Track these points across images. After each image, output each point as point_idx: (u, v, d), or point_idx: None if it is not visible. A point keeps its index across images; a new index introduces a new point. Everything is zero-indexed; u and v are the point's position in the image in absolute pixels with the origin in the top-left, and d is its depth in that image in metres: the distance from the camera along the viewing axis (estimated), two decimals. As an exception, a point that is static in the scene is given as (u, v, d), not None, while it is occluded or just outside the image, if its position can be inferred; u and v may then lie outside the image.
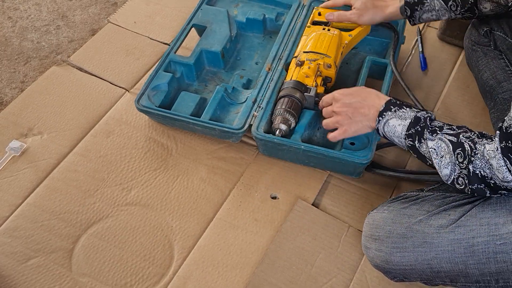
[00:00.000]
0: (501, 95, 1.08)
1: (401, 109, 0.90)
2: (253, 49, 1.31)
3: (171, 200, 1.09)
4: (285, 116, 1.06)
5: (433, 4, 1.08)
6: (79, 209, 1.08)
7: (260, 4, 1.36)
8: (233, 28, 1.30)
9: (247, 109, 1.13)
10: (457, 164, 0.80)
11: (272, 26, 1.33)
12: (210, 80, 1.26)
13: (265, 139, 1.07)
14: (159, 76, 1.19)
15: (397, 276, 0.89)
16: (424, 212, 0.85)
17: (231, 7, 1.35)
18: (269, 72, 1.18)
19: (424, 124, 0.86)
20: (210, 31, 1.27)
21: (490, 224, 0.78)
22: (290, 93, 1.09)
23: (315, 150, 1.04)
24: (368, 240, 0.90)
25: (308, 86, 1.10)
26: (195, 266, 1.00)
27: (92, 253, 1.02)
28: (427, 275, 0.85)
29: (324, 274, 0.99)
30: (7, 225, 1.06)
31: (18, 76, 1.44)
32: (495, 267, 0.78)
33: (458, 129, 0.83)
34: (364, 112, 0.94)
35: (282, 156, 1.13)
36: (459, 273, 0.81)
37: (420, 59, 1.34)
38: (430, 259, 0.82)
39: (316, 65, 1.12)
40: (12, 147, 1.16)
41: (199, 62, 1.24)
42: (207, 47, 1.24)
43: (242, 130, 1.10)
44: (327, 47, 1.13)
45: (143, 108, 1.14)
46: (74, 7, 1.63)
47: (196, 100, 1.17)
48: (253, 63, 1.28)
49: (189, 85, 1.25)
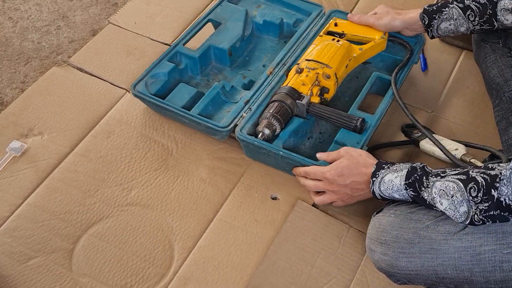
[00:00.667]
0: (507, 94, 1.08)
1: (393, 165, 0.91)
2: (264, 52, 1.31)
3: (171, 201, 1.09)
4: (270, 121, 1.06)
5: (451, 13, 1.07)
6: (79, 209, 1.08)
7: (281, 8, 1.35)
8: (248, 28, 1.30)
9: (238, 109, 1.12)
10: (471, 200, 0.77)
11: (288, 31, 1.32)
12: (213, 75, 1.27)
13: (246, 141, 1.06)
14: (161, 65, 1.20)
15: (400, 280, 0.89)
16: (431, 217, 0.84)
17: (253, 7, 1.35)
18: (270, 76, 1.18)
19: (422, 172, 0.85)
20: (223, 28, 1.28)
21: (497, 232, 0.78)
22: (281, 98, 1.08)
23: (293, 157, 1.03)
24: (374, 243, 0.90)
25: (302, 94, 1.09)
26: (196, 266, 1.00)
27: (92, 253, 1.02)
28: (432, 281, 0.84)
29: (324, 275, 0.99)
30: (8, 225, 1.06)
31: (19, 76, 1.44)
32: (501, 276, 0.78)
33: (463, 169, 0.81)
34: (362, 188, 0.95)
35: (263, 160, 1.12)
36: (464, 280, 0.81)
37: (420, 60, 1.34)
38: (436, 265, 0.82)
39: (315, 74, 1.10)
40: (13, 147, 1.16)
41: (205, 57, 1.25)
42: (215, 43, 1.25)
43: (227, 129, 1.09)
44: (330, 57, 1.12)
45: (138, 93, 1.15)
46: (75, 7, 1.63)
47: (192, 93, 1.17)
48: (260, 66, 1.28)
49: (192, 78, 1.26)
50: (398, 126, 1.20)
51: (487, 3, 1.03)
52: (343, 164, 0.95)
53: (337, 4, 1.51)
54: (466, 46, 1.36)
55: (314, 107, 1.08)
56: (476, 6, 1.04)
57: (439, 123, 1.21)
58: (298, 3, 1.34)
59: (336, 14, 1.28)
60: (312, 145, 1.12)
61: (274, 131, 1.07)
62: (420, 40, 1.22)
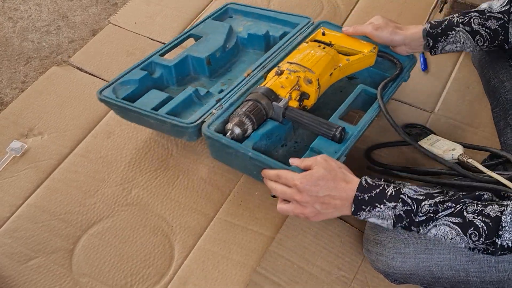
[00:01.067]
0: (503, 95, 1.08)
1: (374, 208, 0.79)
2: (249, 64, 1.22)
3: (171, 200, 1.09)
4: (242, 119, 0.97)
5: (458, 36, 1.00)
6: (79, 209, 1.08)
7: (268, 23, 1.28)
8: (231, 40, 1.23)
9: (208, 107, 1.04)
10: (471, 242, 0.74)
11: (275, 44, 1.25)
12: (191, 85, 1.18)
13: (213, 138, 0.96)
14: (133, 72, 1.14)
15: (397, 279, 0.90)
16: None
17: (239, 25, 1.29)
18: (247, 78, 1.10)
19: (409, 219, 0.77)
20: (204, 40, 1.22)
21: None
22: (256, 98, 0.99)
23: (263, 160, 0.91)
24: (370, 243, 0.90)
25: (280, 97, 1.00)
26: (196, 265, 1.01)
27: (92, 253, 1.02)
28: (428, 281, 0.85)
29: (325, 274, 0.99)
30: (8, 225, 1.06)
31: (19, 76, 1.44)
32: (496, 276, 0.78)
33: (456, 204, 0.75)
34: (336, 204, 0.82)
35: (230, 163, 1.03)
36: (460, 280, 0.81)
37: (420, 60, 1.34)
38: (431, 265, 0.82)
39: (296, 78, 1.01)
40: (13, 148, 1.16)
41: (182, 66, 1.18)
42: (193, 53, 1.18)
43: (193, 125, 0.99)
44: (315, 62, 1.04)
45: (104, 98, 1.08)
46: (75, 7, 1.63)
47: (162, 97, 1.09)
48: (242, 76, 1.20)
49: (167, 87, 1.18)
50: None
51: (499, 29, 0.97)
52: (319, 174, 0.82)
53: (337, 3, 1.51)
54: (466, 46, 1.37)
55: (292, 111, 0.99)
56: (487, 32, 0.98)
57: (439, 123, 1.21)
58: (286, 17, 1.27)
59: (325, 25, 1.21)
60: (285, 153, 1.03)
61: (245, 131, 0.98)
62: (411, 60, 1.13)
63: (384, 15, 1.11)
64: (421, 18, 1.44)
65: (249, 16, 1.31)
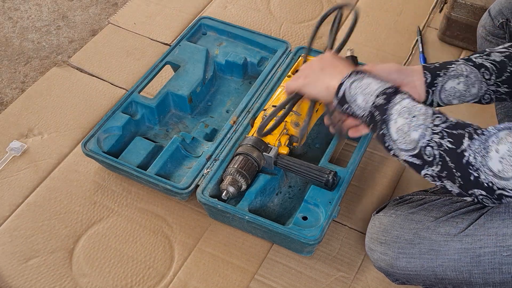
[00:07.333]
0: None
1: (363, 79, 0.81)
2: (228, 95, 1.22)
3: (171, 201, 1.09)
4: (235, 177, 0.98)
5: (459, 69, 0.88)
6: (79, 209, 1.08)
7: (245, 45, 1.26)
8: (209, 70, 1.21)
9: (199, 166, 1.03)
10: (429, 127, 0.72)
11: (253, 71, 1.23)
12: (173, 125, 1.17)
13: (209, 204, 0.98)
14: (115, 117, 1.10)
15: (399, 279, 0.90)
16: (432, 219, 0.84)
17: (214, 45, 1.26)
18: (233, 126, 1.09)
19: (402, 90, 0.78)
20: (182, 71, 1.18)
21: (498, 234, 0.77)
22: (247, 151, 0.99)
23: (260, 223, 0.94)
24: (374, 242, 0.90)
25: (269, 145, 1.00)
26: (196, 267, 1.00)
27: (92, 253, 1.02)
28: (431, 281, 0.85)
29: (324, 276, 0.99)
30: (8, 225, 1.06)
31: (19, 76, 1.44)
32: (500, 278, 0.78)
33: None
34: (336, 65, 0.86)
35: (229, 222, 1.04)
36: (463, 281, 0.81)
37: (420, 59, 1.34)
38: (435, 266, 0.82)
39: (283, 122, 1.00)
40: (13, 147, 1.16)
41: (163, 105, 1.16)
42: (174, 90, 1.15)
43: (187, 191, 1.00)
44: (300, 103, 0.98)
45: (89, 152, 1.06)
46: (75, 7, 1.63)
47: (149, 148, 1.08)
48: (224, 111, 1.19)
49: (150, 128, 1.16)
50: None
51: (505, 59, 0.88)
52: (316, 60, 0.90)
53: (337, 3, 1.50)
54: (466, 46, 1.36)
55: (282, 159, 0.99)
56: (492, 64, 0.88)
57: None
58: (262, 39, 1.25)
59: (304, 51, 1.16)
60: (281, 202, 1.04)
61: (239, 188, 0.99)
62: None
63: (384, 14, 1.10)
64: (421, 18, 1.44)
65: (224, 34, 1.28)
